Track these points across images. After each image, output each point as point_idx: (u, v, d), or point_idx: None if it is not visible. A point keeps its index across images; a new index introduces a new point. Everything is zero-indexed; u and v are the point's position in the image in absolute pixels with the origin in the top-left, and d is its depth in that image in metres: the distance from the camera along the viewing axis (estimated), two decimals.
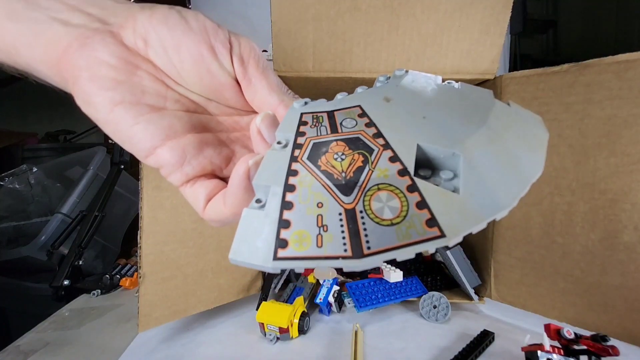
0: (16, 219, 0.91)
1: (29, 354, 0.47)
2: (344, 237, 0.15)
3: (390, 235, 0.15)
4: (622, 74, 0.41)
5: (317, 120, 0.20)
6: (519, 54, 1.56)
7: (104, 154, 0.95)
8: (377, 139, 0.18)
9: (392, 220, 0.15)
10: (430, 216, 0.15)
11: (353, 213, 0.15)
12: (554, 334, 0.38)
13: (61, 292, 0.66)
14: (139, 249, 0.45)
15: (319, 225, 0.15)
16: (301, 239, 0.15)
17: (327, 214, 0.16)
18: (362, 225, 0.15)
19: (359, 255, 0.14)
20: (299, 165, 0.18)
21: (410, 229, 0.15)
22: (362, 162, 0.17)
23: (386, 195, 0.16)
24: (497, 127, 0.18)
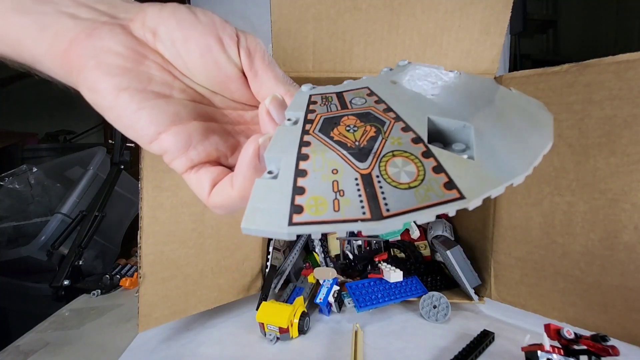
0: (16, 219, 0.91)
1: (29, 354, 0.47)
2: (362, 200, 0.15)
3: (410, 198, 0.14)
4: (622, 74, 0.41)
5: (326, 100, 0.20)
6: (519, 54, 1.56)
7: (104, 154, 0.95)
8: (388, 113, 0.18)
9: (410, 184, 0.15)
10: (448, 179, 0.15)
11: (369, 178, 0.15)
12: (554, 334, 0.38)
13: (61, 292, 0.66)
14: (139, 249, 0.45)
15: (334, 191, 0.15)
16: (317, 204, 0.15)
17: (342, 180, 0.15)
18: (379, 188, 0.15)
19: (379, 217, 0.14)
20: (311, 137, 0.17)
21: (429, 191, 0.14)
22: (375, 133, 0.17)
23: (401, 161, 0.16)
24: (504, 106, 0.18)
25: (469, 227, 0.63)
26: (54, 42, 0.19)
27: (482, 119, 0.17)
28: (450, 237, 0.64)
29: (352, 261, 0.65)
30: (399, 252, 0.66)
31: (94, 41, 0.19)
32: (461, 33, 0.50)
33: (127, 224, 0.96)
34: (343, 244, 0.66)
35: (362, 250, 0.67)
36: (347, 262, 0.65)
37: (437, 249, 0.63)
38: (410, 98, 0.19)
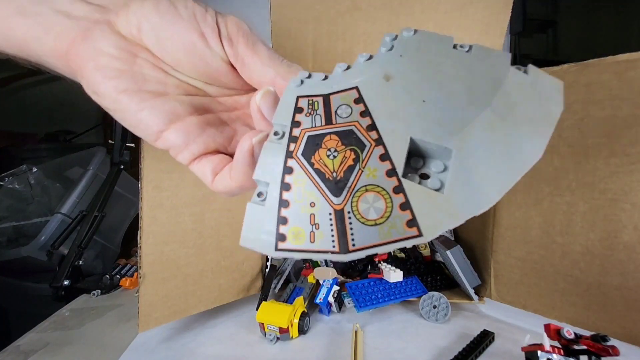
0: (16, 219, 0.91)
1: (29, 354, 0.47)
2: (333, 235, 0.17)
3: (373, 234, 0.17)
4: (622, 74, 0.41)
5: (312, 107, 0.20)
6: (519, 54, 1.56)
7: (104, 154, 0.95)
8: (370, 132, 0.18)
9: (376, 221, 0.17)
10: (412, 217, 0.16)
11: (342, 214, 0.17)
12: (554, 334, 0.38)
13: (61, 292, 0.66)
14: (139, 249, 0.45)
15: (311, 223, 0.18)
16: (297, 235, 0.18)
17: (318, 213, 0.18)
18: (349, 224, 0.17)
19: (345, 251, 0.17)
20: (294, 162, 0.19)
21: (392, 229, 0.16)
22: (353, 161, 0.18)
23: (373, 196, 0.17)
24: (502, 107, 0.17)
25: (469, 227, 0.63)
26: (55, 43, 0.21)
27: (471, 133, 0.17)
28: (450, 237, 0.64)
29: (352, 261, 0.65)
30: (399, 252, 0.66)
31: (89, 43, 0.20)
32: (461, 33, 0.50)
33: (127, 224, 0.96)
34: None
35: None
36: (347, 262, 0.65)
37: (437, 249, 0.63)
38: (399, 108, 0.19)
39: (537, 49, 2.13)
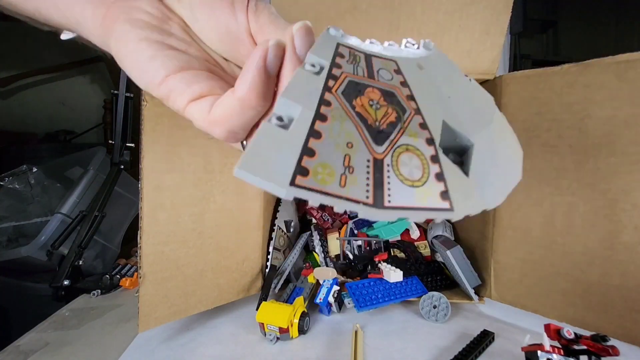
0: (16, 219, 0.91)
1: (29, 354, 0.47)
2: (368, 184, 0.14)
3: (411, 196, 0.15)
4: (622, 74, 0.41)
5: (354, 58, 0.19)
6: (519, 54, 1.56)
7: (104, 154, 0.95)
8: (410, 102, 0.18)
9: (414, 183, 0.15)
10: (445, 189, 0.15)
11: (381, 164, 0.15)
12: (554, 334, 0.38)
13: (61, 292, 0.66)
14: (139, 249, 0.45)
15: (345, 165, 0.15)
16: (325, 173, 0.14)
17: (355, 157, 0.15)
18: (387, 178, 0.15)
19: (380, 205, 0.14)
20: (332, 98, 0.16)
21: (427, 195, 0.15)
22: (395, 119, 0.17)
23: (412, 157, 0.16)
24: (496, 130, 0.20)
25: (469, 227, 0.63)
26: (96, 7, 0.22)
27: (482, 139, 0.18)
28: (450, 237, 0.64)
29: (352, 261, 0.65)
30: (399, 252, 0.66)
31: (129, 2, 0.22)
32: (461, 33, 0.50)
33: (127, 224, 0.95)
34: (343, 244, 0.66)
35: (362, 250, 0.67)
36: (347, 262, 0.65)
37: (437, 249, 0.63)
38: (432, 92, 0.19)
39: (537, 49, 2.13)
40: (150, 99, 0.43)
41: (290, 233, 0.69)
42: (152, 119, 0.44)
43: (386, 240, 0.67)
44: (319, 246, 0.66)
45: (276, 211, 0.66)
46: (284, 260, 0.63)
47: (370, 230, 0.68)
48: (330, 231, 0.70)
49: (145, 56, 0.20)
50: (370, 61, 0.19)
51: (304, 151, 0.14)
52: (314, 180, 0.14)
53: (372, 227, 0.69)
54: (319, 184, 0.14)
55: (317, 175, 0.14)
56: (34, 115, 1.67)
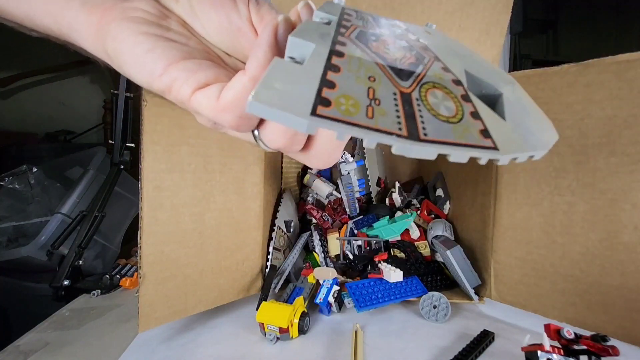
0: (16, 219, 0.91)
1: (29, 354, 0.47)
2: (399, 116, 0.13)
3: (448, 131, 0.13)
4: (622, 74, 0.41)
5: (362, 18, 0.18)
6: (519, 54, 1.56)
7: (104, 154, 0.95)
8: (427, 51, 0.17)
9: (449, 119, 0.13)
10: (484, 128, 0.14)
11: (409, 98, 0.14)
12: (554, 334, 0.38)
13: (61, 292, 0.66)
14: (139, 249, 0.45)
15: (370, 97, 0.13)
16: (348, 104, 0.12)
17: (379, 90, 0.13)
18: (418, 111, 0.13)
19: (416, 137, 0.12)
20: (346, 40, 0.15)
21: (466, 132, 0.13)
22: (416, 60, 0.15)
23: (442, 94, 0.14)
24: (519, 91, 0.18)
25: (469, 227, 0.63)
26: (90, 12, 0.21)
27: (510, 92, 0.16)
28: (450, 237, 0.64)
29: (352, 261, 0.65)
30: (399, 252, 0.66)
31: (124, 3, 0.21)
32: (461, 33, 0.50)
33: (127, 224, 0.96)
34: (343, 244, 0.66)
35: (362, 250, 0.67)
36: (347, 262, 0.65)
37: (437, 249, 0.63)
38: (447, 48, 0.18)
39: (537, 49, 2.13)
40: (150, 99, 0.43)
41: (290, 233, 0.69)
42: (152, 119, 0.44)
43: (386, 240, 0.67)
44: (319, 246, 0.66)
45: (276, 211, 0.66)
46: (284, 260, 0.63)
47: (370, 230, 0.68)
48: (330, 231, 0.70)
49: (144, 49, 0.19)
50: (379, 20, 0.19)
51: (323, 83, 0.13)
52: (337, 110, 0.12)
53: (372, 227, 0.69)
54: (343, 114, 0.12)
55: (340, 106, 0.12)
56: (34, 115, 1.67)
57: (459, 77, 0.15)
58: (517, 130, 0.15)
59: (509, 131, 0.14)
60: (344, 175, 0.74)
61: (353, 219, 0.73)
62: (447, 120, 0.13)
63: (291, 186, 0.82)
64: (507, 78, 0.18)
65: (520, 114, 0.16)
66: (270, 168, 0.65)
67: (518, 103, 0.16)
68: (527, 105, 0.17)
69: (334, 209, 0.77)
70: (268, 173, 0.62)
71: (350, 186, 0.73)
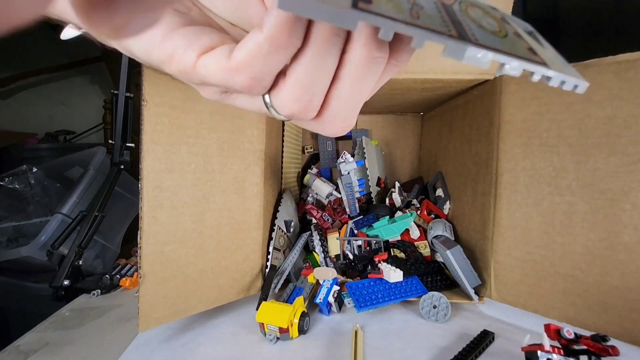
0: (16, 219, 0.91)
1: (29, 354, 0.47)
2: (445, 20, 0.12)
3: (495, 40, 0.12)
4: (622, 74, 0.41)
5: None
6: None
7: (104, 154, 0.95)
8: None
9: (494, 32, 0.13)
10: (529, 47, 0.13)
11: (451, 9, 0.13)
12: (554, 334, 0.38)
13: (61, 292, 0.66)
14: (139, 249, 0.45)
15: (410, 2, 0.12)
16: (390, 4, 0.11)
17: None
18: (462, 19, 0.12)
19: (467, 39, 0.11)
20: None
21: (514, 45, 0.12)
22: None
23: (482, 12, 0.13)
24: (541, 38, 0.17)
25: (469, 227, 0.63)
26: None
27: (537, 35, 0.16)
28: (450, 237, 0.64)
29: (352, 261, 0.65)
30: (399, 252, 0.66)
31: None
32: None
33: (127, 224, 0.96)
34: (343, 244, 0.66)
35: (362, 250, 0.67)
36: (347, 262, 0.65)
37: (437, 249, 0.63)
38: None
39: None
40: (150, 99, 0.43)
41: (290, 233, 0.69)
42: (152, 119, 0.44)
43: (386, 240, 0.67)
44: (319, 246, 0.66)
45: (276, 211, 0.66)
46: (284, 260, 0.63)
47: (370, 230, 0.68)
48: (330, 231, 0.70)
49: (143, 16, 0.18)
50: None
51: None
52: (379, 6, 0.11)
53: (372, 227, 0.69)
54: (388, 10, 0.11)
55: (381, 4, 0.11)
56: (34, 115, 1.68)
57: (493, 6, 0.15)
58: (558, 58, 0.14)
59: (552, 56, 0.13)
60: (344, 175, 0.74)
61: (353, 219, 0.73)
62: (493, 33, 0.12)
63: (291, 186, 0.82)
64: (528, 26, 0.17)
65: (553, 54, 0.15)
66: (270, 168, 0.65)
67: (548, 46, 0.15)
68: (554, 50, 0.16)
69: (334, 209, 0.77)
70: (268, 173, 0.62)
71: (350, 186, 0.74)
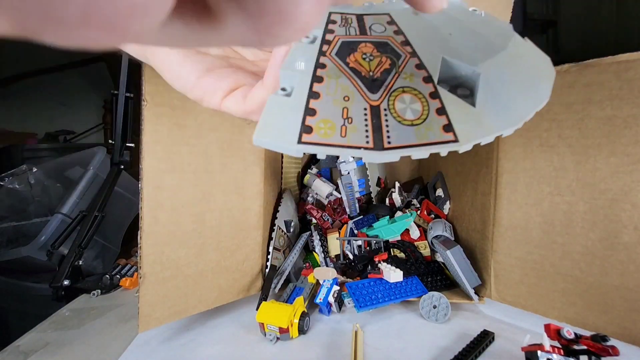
0: (16, 219, 0.91)
1: (29, 354, 0.47)
2: (367, 130, 0.16)
3: (410, 134, 0.16)
4: (622, 74, 0.41)
5: (345, 21, 0.21)
6: None
7: (104, 154, 0.95)
8: (405, 47, 0.19)
9: (413, 122, 0.16)
10: (448, 122, 0.16)
11: (377, 110, 0.16)
12: (554, 334, 0.38)
13: (61, 292, 0.66)
14: (139, 249, 0.45)
15: (344, 117, 0.16)
16: (326, 127, 0.16)
17: (352, 108, 0.17)
18: (385, 121, 0.16)
19: (380, 147, 0.15)
20: (327, 60, 0.18)
21: (428, 130, 0.16)
22: (389, 65, 0.18)
23: (410, 98, 0.17)
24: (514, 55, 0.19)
25: (469, 227, 0.63)
26: None
27: (491, 66, 0.18)
28: (450, 237, 0.64)
29: (352, 261, 0.65)
30: (399, 252, 0.66)
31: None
32: None
33: (127, 224, 0.96)
34: (343, 244, 0.66)
35: (362, 250, 0.67)
36: (347, 262, 0.65)
37: (437, 249, 0.63)
38: (429, 34, 0.20)
39: None
40: (150, 99, 0.43)
41: (290, 233, 0.69)
42: (152, 119, 0.44)
43: (386, 240, 0.67)
44: (319, 246, 0.66)
45: (276, 211, 0.66)
46: (284, 260, 0.63)
47: (370, 230, 0.68)
48: (330, 231, 0.70)
49: (176, 62, 0.24)
50: (362, 20, 0.21)
51: (306, 112, 0.16)
52: (317, 135, 0.16)
53: (372, 227, 0.69)
54: (323, 137, 0.16)
55: (319, 130, 0.16)
56: (34, 115, 1.68)
57: (430, 73, 0.18)
58: (486, 114, 0.17)
59: (475, 118, 0.16)
60: (344, 175, 0.74)
61: (353, 219, 0.73)
62: (411, 124, 0.16)
63: (291, 186, 0.82)
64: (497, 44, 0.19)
65: (497, 91, 0.18)
66: (270, 168, 0.65)
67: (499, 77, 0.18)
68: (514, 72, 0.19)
69: (334, 209, 0.77)
70: (268, 173, 0.62)
71: (350, 186, 0.73)
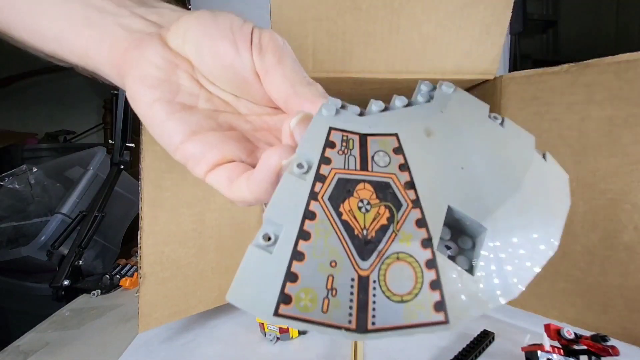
0: (16, 219, 0.91)
1: (29, 354, 0.47)
2: (352, 307, 0.14)
3: (398, 314, 0.14)
4: (622, 74, 0.41)
5: (346, 145, 0.18)
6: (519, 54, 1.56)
7: (104, 154, 0.95)
8: (408, 191, 0.17)
9: (403, 297, 0.15)
10: (440, 299, 0.15)
11: (366, 282, 0.15)
12: (554, 334, 0.38)
13: (61, 292, 0.66)
14: (139, 249, 0.45)
15: (328, 288, 0.15)
16: (307, 299, 0.14)
17: (339, 277, 0.15)
18: (372, 297, 0.15)
19: (363, 329, 0.14)
20: (318, 207, 0.16)
21: (418, 309, 0.15)
22: (387, 220, 0.16)
23: (403, 267, 0.15)
24: (529, 192, 0.18)
25: None
26: (110, 53, 0.22)
27: (502, 216, 0.17)
28: None
29: None
30: None
31: (138, 51, 0.22)
32: (461, 33, 0.50)
33: (127, 224, 0.96)
34: None
35: None
36: None
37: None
38: (439, 171, 0.18)
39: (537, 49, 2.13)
40: None
41: None
42: None
43: None
44: None
45: None
46: None
47: None
48: None
49: (159, 119, 0.21)
50: (366, 143, 0.18)
51: (287, 277, 0.15)
52: (296, 308, 0.14)
53: None
54: (302, 311, 0.14)
55: (299, 302, 0.14)
56: (34, 115, 1.68)
57: (432, 233, 0.16)
58: (485, 283, 0.16)
59: (472, 289, 0.15)
60: None
61: None
62: (400, 301, 0.15)
63: None
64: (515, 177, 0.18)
65: (500, 251, 0.17)
66: None
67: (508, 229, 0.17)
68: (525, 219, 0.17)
69: None
70: None
71: None
